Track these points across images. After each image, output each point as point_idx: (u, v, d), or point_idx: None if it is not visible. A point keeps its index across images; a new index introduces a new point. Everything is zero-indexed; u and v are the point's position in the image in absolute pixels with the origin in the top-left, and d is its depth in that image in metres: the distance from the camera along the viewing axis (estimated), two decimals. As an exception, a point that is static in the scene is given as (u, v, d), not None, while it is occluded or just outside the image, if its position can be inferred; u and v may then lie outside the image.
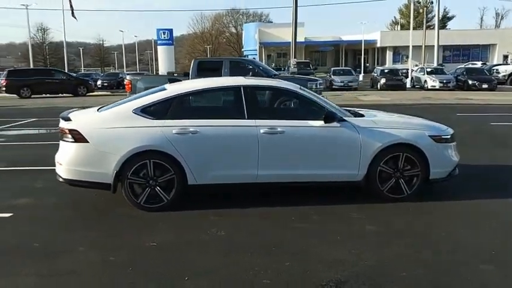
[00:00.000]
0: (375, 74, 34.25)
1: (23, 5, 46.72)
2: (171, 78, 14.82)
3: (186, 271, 4.16)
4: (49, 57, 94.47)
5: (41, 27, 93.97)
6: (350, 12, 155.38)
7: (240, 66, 14.62)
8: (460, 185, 6.78)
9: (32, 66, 46.33)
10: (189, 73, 15.36)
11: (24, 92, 28.62)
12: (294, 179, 6.06)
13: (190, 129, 5.76)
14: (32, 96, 28.61)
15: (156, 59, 54.03)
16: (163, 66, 38.88)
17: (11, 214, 5.82)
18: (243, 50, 75.60)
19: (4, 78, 29.17)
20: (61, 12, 44.06)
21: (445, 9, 73.28)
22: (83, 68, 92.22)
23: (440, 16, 50.67)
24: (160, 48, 40.21)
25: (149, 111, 5.87)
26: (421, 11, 59.00)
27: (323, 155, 6.03)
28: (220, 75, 14.51)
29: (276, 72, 17.05)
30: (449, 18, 78.20)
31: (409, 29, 44.70)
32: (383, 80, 31.14)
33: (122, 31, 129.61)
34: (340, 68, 41.94)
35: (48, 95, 29.32)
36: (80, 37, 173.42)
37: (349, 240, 4.88)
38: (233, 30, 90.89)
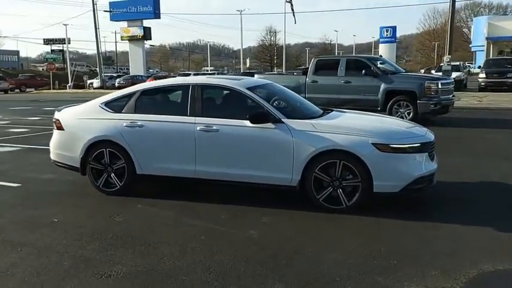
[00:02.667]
0: None
1: (238, 10, 52.58)
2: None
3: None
4: (276, 57, 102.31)
5: (270, 29, 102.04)
6: None
7: (357, 64, 14.12)
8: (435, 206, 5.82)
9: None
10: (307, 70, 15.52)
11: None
12: (229, 177, 6.07)
13: (138, 123, 6.32)
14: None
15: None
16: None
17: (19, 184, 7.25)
18: (470, 45, 70.05)
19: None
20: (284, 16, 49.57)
21: None
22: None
23: None
24: (382, 46, 40.40)
25: (111, 105, 6.62)
26: None
27: (255, 156, 5.90)
28: (336, 74, 14.36)
29: (402, 70, 15.82)
30: None
31: None
32: None
33: (336, 31, 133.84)
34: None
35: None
36: (307, 38, 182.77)
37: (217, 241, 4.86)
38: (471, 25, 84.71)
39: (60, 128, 6.81)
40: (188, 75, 36.42)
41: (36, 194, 6.75)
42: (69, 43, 53.53)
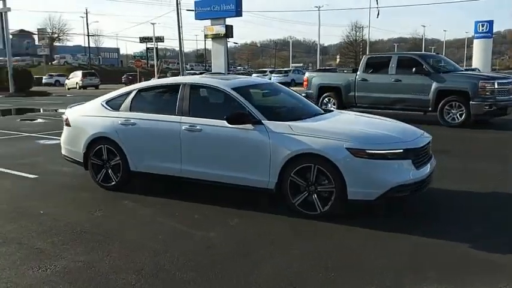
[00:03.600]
0: None
1: (316, 6, 51.79)
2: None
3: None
4: (361, 53, 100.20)
5: (355, 25, 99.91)
6: None
7: (408, 62, 13.36)
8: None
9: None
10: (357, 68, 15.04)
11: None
12: (211, 178, 6.01)
13: (131, 121, 6.47)
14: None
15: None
16: (478, 60, 37.38)
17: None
18: None
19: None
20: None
21: None
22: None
23: None
24: (476, 42, 38.42)
25: (110, 103, 6.83)
26: None
27: (235, 157, 5.81)
28: (387, 72, 13.76)
29: (460, 69, 14.75)
30: None
31: None
32: None
33: (423, 26, 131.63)
34: None
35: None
36: (394, 33, 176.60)
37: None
38: None
39: (68, 124, 7.15)
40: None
41: (44, 186, 7.15)
42: (162, 41, 56.08)
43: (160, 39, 61.79)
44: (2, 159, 9.19)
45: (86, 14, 79.95)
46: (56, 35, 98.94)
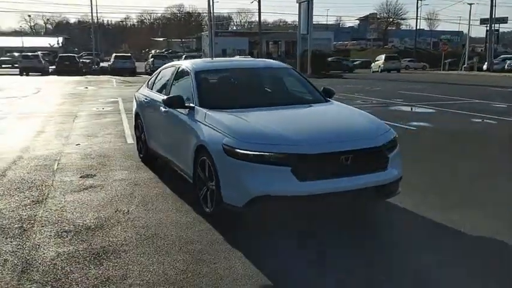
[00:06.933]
0: None
1: None
2: None
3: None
4: None
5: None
6: None
7: None
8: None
9: None
10: None
11: None
12: (172, 164, 5.95)
13: (142, 98, 6.93)
14: None
15: None
16: None
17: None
18: None
19: None
20: None
21: None
22: None
23: None
24: None
25: (149, 83, 7.34)
26: None
27: (176, 144, 5.63)
28: None
29: None
30: None
31: None
32: None
33: None
34: None
35: None
36: None
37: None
38: None
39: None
40: None
41: (121, 153, 8.04)
42: (505, 22, 50.17)
43: (503, 20, 53.95)
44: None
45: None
46: (391, 20, 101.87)
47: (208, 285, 3.48)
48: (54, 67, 39.93)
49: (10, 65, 49.89)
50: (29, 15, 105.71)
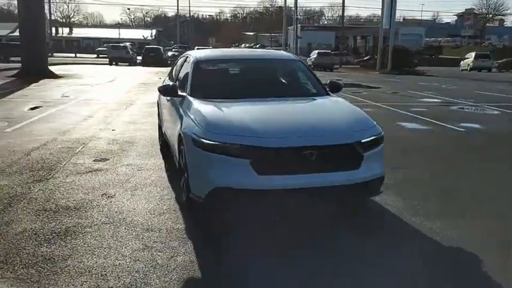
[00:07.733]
0: None
1: None
2: None
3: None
4: None
5: None
6: None
7: None
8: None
9: None
10: None
11: None
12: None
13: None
14: None
15: None
16: None
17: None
18: None
19: None
20: None
21: None
22: None
23: None
24: None
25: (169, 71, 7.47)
26: None
27: (172, 132, 5.63)
28: None
29: None
30: None
31: None
32: None
33: None
34: None
35: None
36: None
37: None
38: None
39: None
40: None
41: (147, 141, 8.35)
42: None
43: None
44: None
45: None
46: (490, 16, 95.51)
47: (139, 273, 3.47)
48: (140, 58, 41.82)
49: (106, 55, 52.95)
50: (128, 8, 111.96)
